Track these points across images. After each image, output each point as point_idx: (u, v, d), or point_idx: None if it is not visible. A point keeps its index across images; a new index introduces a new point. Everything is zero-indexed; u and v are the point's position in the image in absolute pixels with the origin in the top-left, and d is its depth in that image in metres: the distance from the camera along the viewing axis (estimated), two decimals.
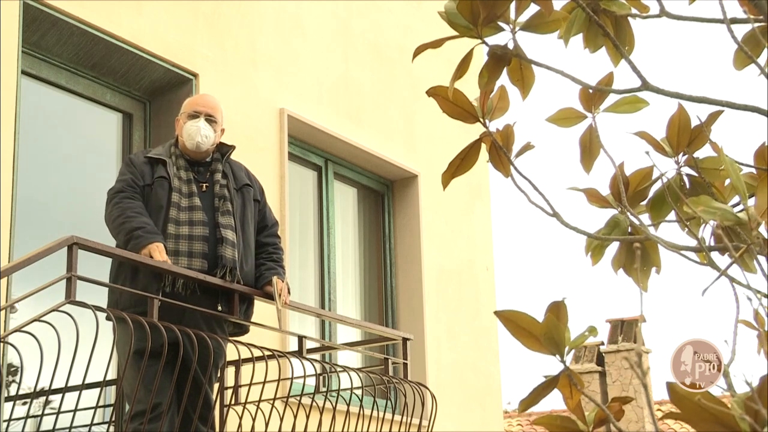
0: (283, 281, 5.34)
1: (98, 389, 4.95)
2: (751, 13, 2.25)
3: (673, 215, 2.41)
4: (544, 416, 2.09)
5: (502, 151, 2.28)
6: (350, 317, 7.62)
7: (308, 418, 5.41)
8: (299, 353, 5.59)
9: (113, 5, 6.62)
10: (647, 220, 2.42)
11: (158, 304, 4.88)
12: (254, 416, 5.34)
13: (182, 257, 5.16)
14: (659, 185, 2.42)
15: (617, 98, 2.43)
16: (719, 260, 2.09)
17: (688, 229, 2.34)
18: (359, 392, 5.82)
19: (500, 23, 2.24)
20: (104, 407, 6.10)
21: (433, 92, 2.31)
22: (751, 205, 2.05)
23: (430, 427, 6.11)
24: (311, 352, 5.99)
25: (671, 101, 2.30)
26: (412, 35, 8.93)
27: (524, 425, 18.66)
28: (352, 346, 7.19)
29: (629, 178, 2.40)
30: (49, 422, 4.92)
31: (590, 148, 2.45)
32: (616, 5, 2.29)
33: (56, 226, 6.46)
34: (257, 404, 5.30)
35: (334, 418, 5.69)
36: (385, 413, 5.99)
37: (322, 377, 5.93)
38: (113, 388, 5.97)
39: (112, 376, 5.49)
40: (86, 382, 4.56)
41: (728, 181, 2.34)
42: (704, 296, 2.06)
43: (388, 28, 8.89)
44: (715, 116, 2.36)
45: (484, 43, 2.25)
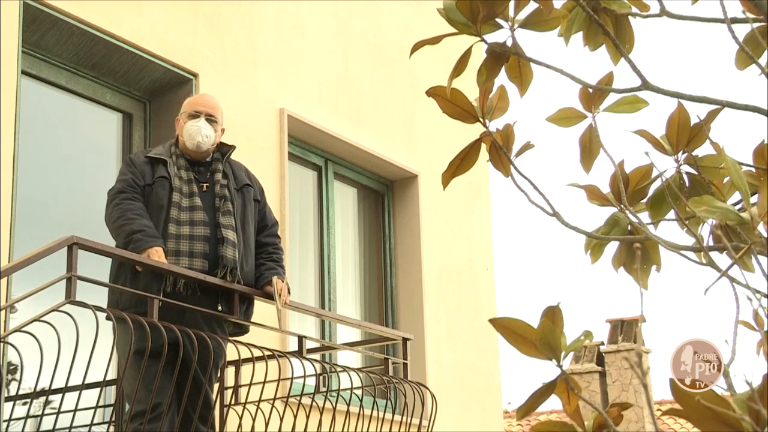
0: (283, 281, 5.34)
1: (98, 389, 4.95)
2: (751, 13, 2.25)
3: (672, 214, 2.41)
4: (542, 422, 2.08)
5: (502, 150, 2.28)
6: (350, 317, 7.62)
7: (308, 418, 5.41)
8: (299, 353, 5.58)
9: (113, 5, 6.62)
10: (647, 218, 2.42)
11: (158, 304, 4.88)
12: (254, 416, 5.34)
13: (183, 257, 5.15)
14: (659, 184, 2.42)
15: (617, 98, 2.43)
16: (718, 259, 2.09)
17: (687, 227, 2.34)
18: (359, 392, 5.82)
19: (499, 20, 2.24)
20: (104, 407, 6.09)
21: (433, 92, 2.31)
22: (752, 203, 2.04)
23: (430, 427, 6.11)
24: (311, 352, 5.99)
25: (671, 101, 2.30)
26: (412, 35, 8.93)
27: (524, 425, 18.65)
28: (352, 346, 7.19)
29: (629, 176, 2.40)
30: (49, 422, 4.92)
31: (590, 147, 2.45)
32: (616, 4, 2.29)
33: (56, 226, 6.46)
34: (257, 404, 5.30)
35: (334, 418, 5.69)
36: (385, 413, 5.99)
37: (322, 377, 5.93)
38: (113, 388, 5.97)
39: (112, 376, 5.49)
40: (86, 382, 4.56)
41: (726, 179, 2.34)
42: (705, 296, 2.06)
43: (388, 28, 8.89)
44: (714, 114, 2.36)
45: (482, 40, 2.24)
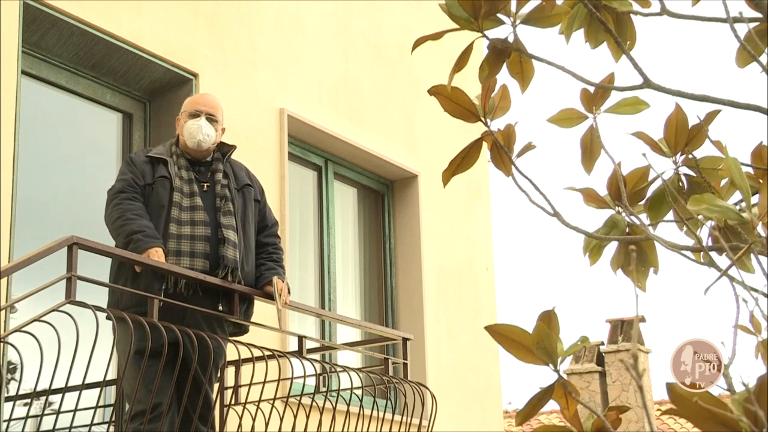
0: (283, 281, 5.34)
1: (98, 389, 4.95)
2: (753, 11, 2.25)
3: (671, 215, 2.41)
4: (541, 426, 2.08)
5: (503, 150, 2.28)
6: (350, 317, 7.62)
7: (308, 418, 5.41)
8: (299, 353, 5.58)
9: (113, 5, 6.62)
10: (645, 220, 2.42)
11: (159, 304, 4.88)
12: (254, 416, 5.34)
13: (184, 257, 5.15)
14: (657, 186, 2.42)
15: (618, 99, 2.43)
16: (718, 260, 2.09)
17: (686, 228, 2.34)
18: (359, 392, 5.82)
19: (501, 16, 2.24)
20: (104, 407, 6.09)
21: (434, 91, 2.30)
22: (752, 204, 2.04)
23: (430, 427, 6.11)
24: (311, 352, 5.99)
25: (673, 101, 2.29)
26: (412, 35, 8.93)
27: (524, 425, 18.67)
28: (352, 346, 7.19)
29: (626, 178, 2.40)
30: (49, 422, 4.92)
31: (591, 148, 2.44)
32: (617, 2, 2.29)
33: (56, 226, 6.46)
34: (257, 404, 5.30)
35: (334, 418, 5.69)
36: (385, 413, 5.99)
37: (322, 377, 5.93)
38: (113, 388, 5.97)
39: (112, 376, 5.49)
40: (86, 382, 4.56)
41: (724, 181, 2.34)
42: (705, 296, 2.06)
43: (388, 28, 8.89)
44: (712, 116, 2.36)
45: (484, 36, 2.24)
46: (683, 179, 2.41)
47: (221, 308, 5.26)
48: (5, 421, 5.23)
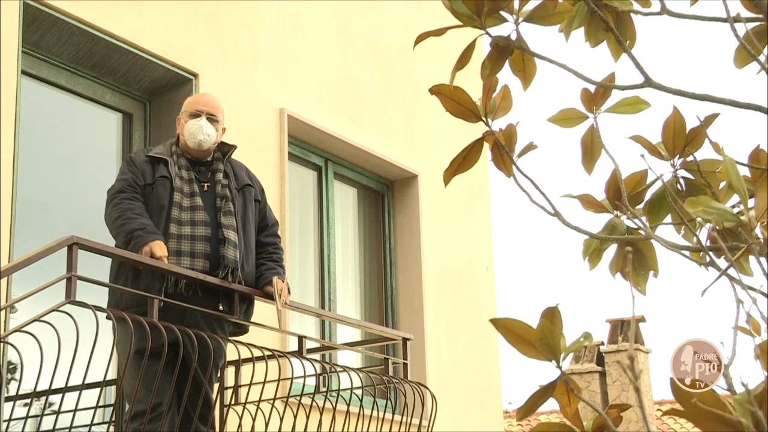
0: (283, 281, 5.34)
1: (98, 389, 4.95)
2: (751, 12, 2.25)
3: (669, 218, 2.41)
4: (541, 424, 2.08)
5: (504, 150, 2.28)
6: (350, 317, 7.62)
7: (308, 418, 5.41)
8: (299, 353, 5.58)
9: (113, 5, 6.62)
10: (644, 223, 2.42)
11: (159, 304, 4.88)
12: (254, 416, 5.34)
13: (184, 257, 5.15)
14: (655, 189, 2.42)
15: (618, 99, 2.43)
16: (717, 261, 2.09)
17: (684, 231, 2.34)
18: (359, 392, 5.82)
19: (504, 14, 2.23)
20: (104, 407, 6.09)
21: (435, 90, 2.30)
22: (750, 206, 2.04)
23: (430, 427, 6.11)
24: (311, 352, 5.99)
25: (673, 100, 2.29)
26: (412, 35, 8.91)
27: (524, 425, 18.65)
28: (352, 346, 7.19)
29: (624, 182, 2.40)
30: (49, 422, 4.92)
31: (592, 148, 2.44)
32: (617, 1, 2.29)
33: (56, 226, 6.46)
34: (257, 404, 5.30)
35: (334, 418, 5.69)
36: (385, 413, 5.98)
37: (322, 377, 5.93)
38: (113, 388, 5.97)
39: (112, 376, 5.49)
40: (86, 382, 4.56)
41: (723, 184, 2.34)
42: (704, 297, 2.06)
43: (388, 28, 8.89)
44: (711, 119, 2.36)
45: (487, 33, 2.24)
46: (681, 182, 2.41)
47: (221, 308, 5.26)
48: (5, 421, 5.23)
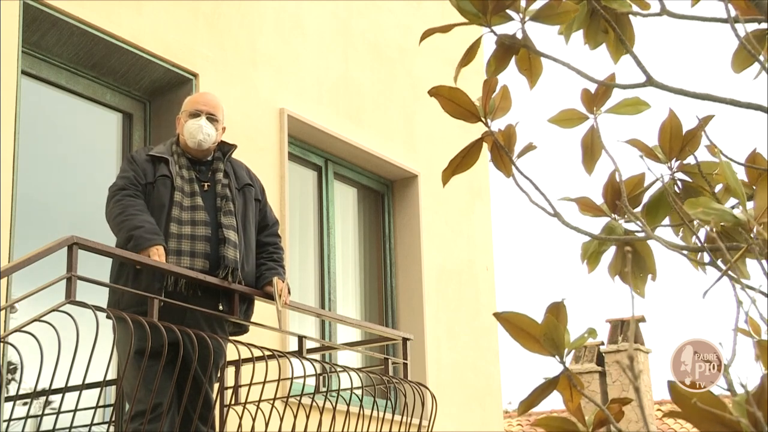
0: (283, 281, 5.34)
1: (98, 389, 4.95)
2: (750, 14, 2.25)
3: (667, 221, 2.41)
4: (543, 418, 2.08)
5: (503, 151, 2.28)
6: (350, 317, 7.62)
7: (308, 418, 5.41)
8: (299, 353, 5.58)
9: (113, 5, 6.62)
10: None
11: (159, 304, 4.88)
12: (254, 416, 5.34)
13: (185, 257, 5.15)
14: (653, 192, 2.42)
15: (619, 100, 2.43)
16: (717, 262, 2.09)
17: (682, 233, 2.34)
18: (359, 392, 5.82)
19: (510, 12, 2.24)
20: (104, 407, 6.09)
21: (434, 92, 2.30)
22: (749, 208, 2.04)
23: (430, 427, 6.11)
24: (311, 352, 5.99)
25: (674, 100, 2.29)
26: (412, 35, 8.93)
27: (524, 425, 18.65)
28: (352, 346, 7.19)
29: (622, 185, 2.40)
30: (49, 422, 4.92)
31: (592, 149, 2.44)
32: (617, 3, 2.29)
33: (56, 226, 6.46)
34: (257, 404, 5.30)
35: (334, 418, 5.68)
36: (385, 413, 5.98)
37: (322, 377, 5.92)
38: (113, 388, 5.97)
39: (112, 376, 5.49)
40: (86, 382, 4.56)
41: (719, 187, 2.34)
42: (705, 297, 2.06)
43: (388, 28, 8.89)
44: (706, 121, 2.36)
45: (492, 31, 2.24)
46: (678, 185, 2.41)
47: (221, 308, 5.26)
48: (5, 421, 5.23)
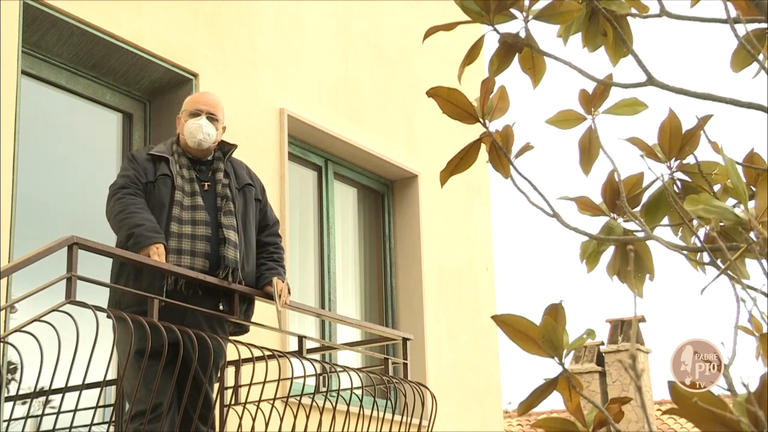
0: (283, 282, 5.34)
1: (98, 389, 4.95)
2: (750, 14, 2.25)
3: (666, 221, 2.41)
4: (543, 419, 2.09)
5: (501, 151, 2.28)
6: (350, 317, 7.62)
7: (308, 418, 5.41)
8: (299, 353, 5.58)
9: (113, 5, 6.62)
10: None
11: (160, 303, 4.88)
12: (254, 416, 5.34)
13: (185, 256, 5.15)
14: (652, 191, 2.42)
15: (617, 100, 2.43)
16: (716, 262, 2.09)
17: (682, 232, 2.34)
18: (359, 392, 5.82)
19: (513, 11, 2.24)
20: (104, 407, 6.09)
21: (433, 93, 2.30)
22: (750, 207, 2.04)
23: (430, 427, 6.11)
24: (311, 352, 5.99)
25: (675, 99, 2.29)
26: (412, 35, 8.94)
27: (524, 425, 18.65)
28: (352, 346, 7.19)
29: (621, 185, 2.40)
30: (49, 422, 4.92)
31: (590, 150, 2.44)
32: (615, 4, 2.29)
33: (56, 226, 6.46)
34: (257, 404, 5.30)
35: (334, 418, 5.69)
36: (385, 413, 5.98)
37: (322, 377, 5.93)
38: (113, 388, 5.97)
39: (112, 376, 5.49)
40: (86, 382, 4.56)
41: (717, 187, 2.34)
42: (703, 295, 2.06)
43: (388, 28, 8.90)
44: (705, 120, 2.36)
45: (495, 30, 2.24)
46: (678, 184, 2.41)
47: (221, 308, 5.26)
48: (5, 421, 5.23)
